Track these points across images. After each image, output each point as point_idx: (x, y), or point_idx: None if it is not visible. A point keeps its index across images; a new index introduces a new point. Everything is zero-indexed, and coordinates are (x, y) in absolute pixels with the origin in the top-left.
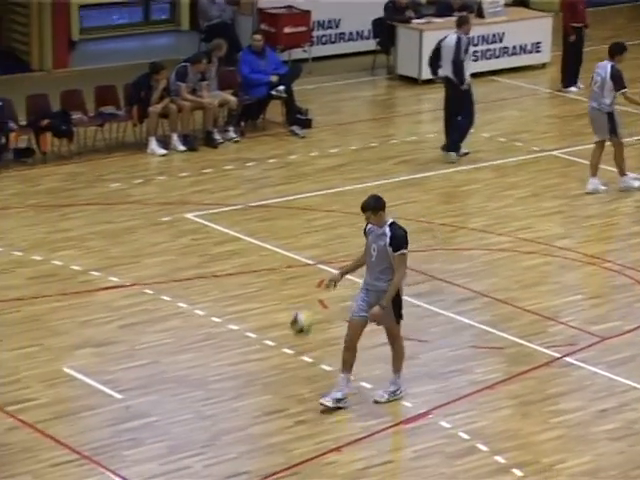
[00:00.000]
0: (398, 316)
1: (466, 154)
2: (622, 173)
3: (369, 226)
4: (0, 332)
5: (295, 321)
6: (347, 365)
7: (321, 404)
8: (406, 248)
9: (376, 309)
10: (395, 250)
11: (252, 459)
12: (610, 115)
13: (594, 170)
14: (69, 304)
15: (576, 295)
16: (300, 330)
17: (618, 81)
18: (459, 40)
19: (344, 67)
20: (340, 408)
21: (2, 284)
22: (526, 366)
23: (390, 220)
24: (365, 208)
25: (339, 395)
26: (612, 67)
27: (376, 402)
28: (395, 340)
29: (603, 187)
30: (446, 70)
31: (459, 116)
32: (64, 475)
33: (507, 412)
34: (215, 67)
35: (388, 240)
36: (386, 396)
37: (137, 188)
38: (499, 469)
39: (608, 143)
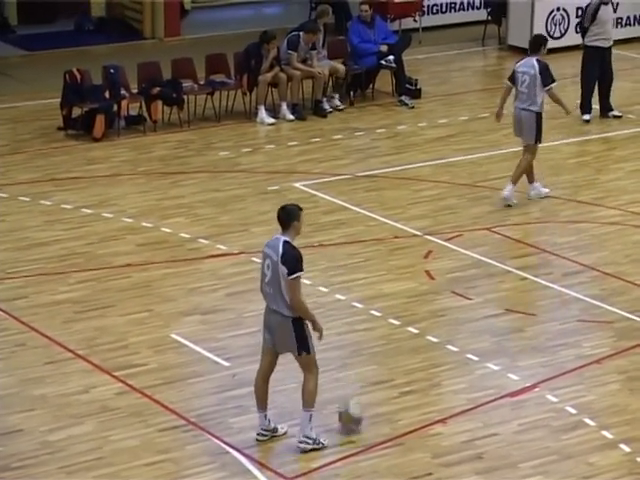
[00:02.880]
0: (302, 348)
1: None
2: (515, 182)
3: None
4: (110, 298)
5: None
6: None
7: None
8: None
9: None
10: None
11: None
12: (539, 116)
13: (531, 176)
14: (178, 271)
15: None
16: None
17: (546, 76)
18: (587, 5)
19: (454, 37)
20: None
21: (113, 250)
22: (635, 341)
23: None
24: None
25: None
26: (538, 62)
27: (300, 448)
28: (304, 371)
29: (545, 190)
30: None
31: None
32: (171, 440)
33: (615, 387)
34: (322, 35)
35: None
36: (306, 446)
37: (246, 157)
38: (606, 444)
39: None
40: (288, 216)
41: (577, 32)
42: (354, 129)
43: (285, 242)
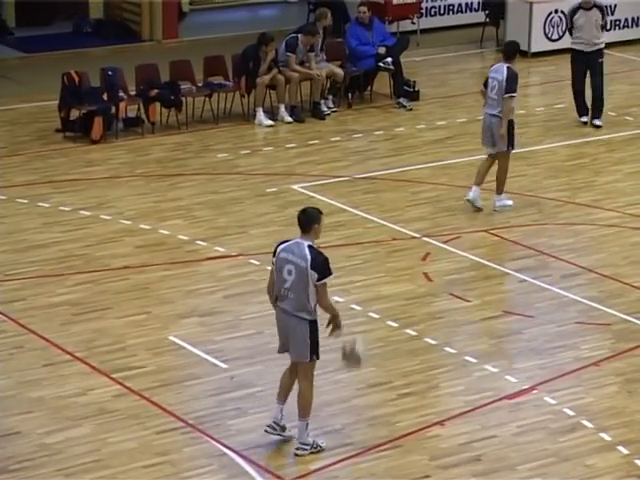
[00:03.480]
0: (314, 352)
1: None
2: (501, 191)
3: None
4: (108, 300)
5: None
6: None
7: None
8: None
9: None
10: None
11: (355, 431)
12: (510, 123)
13: (480, 179)
14: (175, 273)
15: None
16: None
17: (511, 84)
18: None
19: (452, 39)
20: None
21: (110, 252)
22: (633, 343)
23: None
24: None
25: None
26: (508, 69)
27: (297, 455)
28: (301, 379)
29: (479, 204)
30: None
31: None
32: (169, 442)
33: (613, 389)
34: (321, 38)
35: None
36: (303, 452)
37: (244, 159)
38: (604, 446)
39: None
40: (309, 219)
41: None
42: (352, 131)
43: (310, 247)
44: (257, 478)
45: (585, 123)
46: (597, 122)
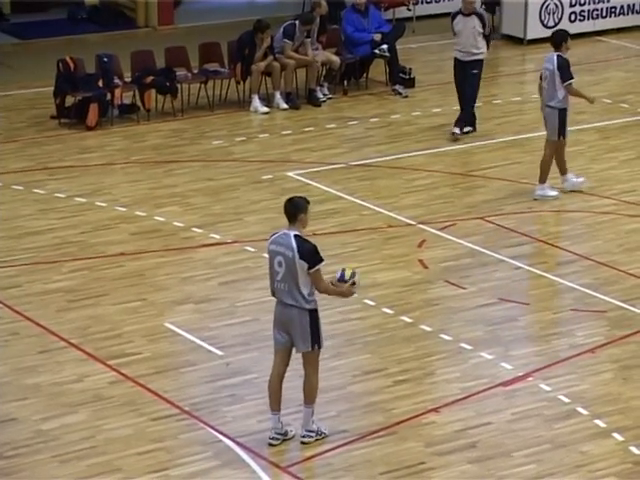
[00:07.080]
0: (316, 341)
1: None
2: (544, 180)
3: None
4: (104, 286)
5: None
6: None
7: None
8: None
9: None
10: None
11: (350, 418)
12: (562, 112)
13: (563, 168)
14: (171, 260)
15: None
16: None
17: (565, 71)
18: None
19: (448, 26)
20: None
21: (106, 239)
22: (628, 330)
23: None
24: None
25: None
26: (558, 57)
27: (303, 443)
28: (306, 366)
29: (579, 179)
30: None
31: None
32: (164, 429)
33: (608, 376)
34: (317, 26)
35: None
36: (310, 439)
37: (239, 146)
38: (599, 433)
39: None
40: (295, 208)
41: (570, 21)
42: (348, 118)
43: (296, 236)
44: (252, 465)
45: (452, 134)
46: (454, 129)
